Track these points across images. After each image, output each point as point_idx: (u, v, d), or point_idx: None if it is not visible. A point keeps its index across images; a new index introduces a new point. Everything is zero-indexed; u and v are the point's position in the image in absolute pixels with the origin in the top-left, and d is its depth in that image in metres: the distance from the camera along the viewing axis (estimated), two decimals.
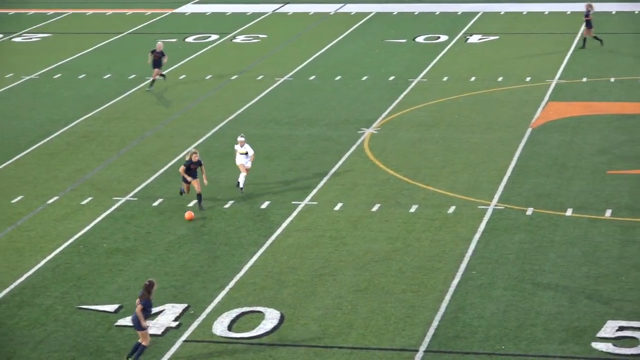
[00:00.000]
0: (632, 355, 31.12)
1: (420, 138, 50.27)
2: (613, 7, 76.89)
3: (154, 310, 32.52)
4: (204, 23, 78.79)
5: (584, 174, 45.10)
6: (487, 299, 34.76)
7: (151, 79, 59.51)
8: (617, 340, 31.95)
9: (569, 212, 41.25)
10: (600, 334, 32.33)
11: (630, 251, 37.76)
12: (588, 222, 40.35)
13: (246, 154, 43.90)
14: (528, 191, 43.43)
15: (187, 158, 42.35)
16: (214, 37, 73.51)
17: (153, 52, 58.87)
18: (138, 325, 30.47)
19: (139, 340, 30.63)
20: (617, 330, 32.46)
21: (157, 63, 58.87)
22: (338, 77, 61.30)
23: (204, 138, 51.71)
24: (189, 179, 42.28)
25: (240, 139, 44.08)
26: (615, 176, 44.69)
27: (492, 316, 33.64)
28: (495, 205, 42.09)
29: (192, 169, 42.32)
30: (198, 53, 69.25)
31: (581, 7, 68.22)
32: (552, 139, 49.45)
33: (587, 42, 64.50)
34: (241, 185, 43.93)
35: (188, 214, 41.58)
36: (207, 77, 62.90)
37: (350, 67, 63.30)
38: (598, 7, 70.42)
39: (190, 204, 42.63)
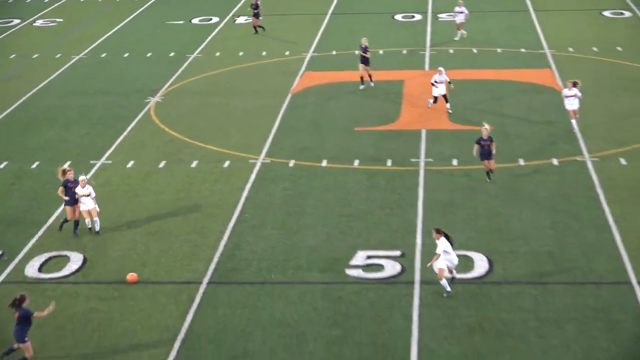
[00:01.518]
0: (378, 278, 32.04)
1: (199, 104, 50.30)
2: None
3: None
4: (6, 10, 76.56)
5: (335, 131, 45.85)
6: (259, 237, 35.22)
7: None
8: (366, 267, 32.79)
9: (324, 163, 41.93)
10: (352, 262, 33.13)
11: (375, 194, 38.66)
12: (340, 171, 41.10)
13: (89, 195, 35.44)
14: (290, 147, 43.97)
15: (63, 177, 35.58)
16: (16, 21, 71.77)
17: None
18: (20, 337, 27.11)
19: (25, 355, 27.39)
20: (366, 259, 33.30)
21: None
22: (126, 54, 60.71)
23: (10, 109, 50.69)
24: (65, 198, 35.40)
25: (82, 177, 35.77)
26: (361, 132, 45.55)
27: (263, 252, 34.12)
28: (263, 160, 42.49)
29: (69, 188, 35.40)
30: (1, 36, 67.54)
31: None
32: (308, 103, 50.07)
33: (257, 30, 64.35)
34: (97, 229, 35.75)
35: (130, 277, 32.36)
36: (12, 56, 61.53)
37: (137, 46, 62.71)
38: None
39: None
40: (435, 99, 47.29)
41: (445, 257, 30.62)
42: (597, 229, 35.03)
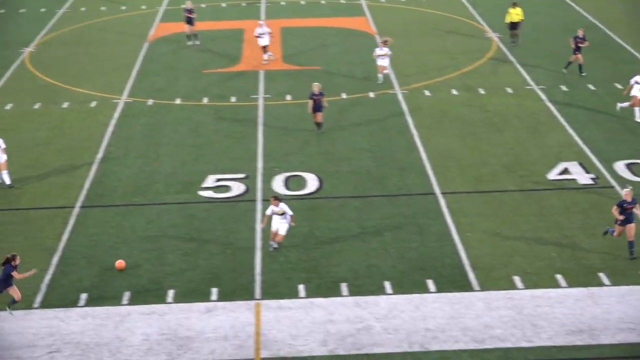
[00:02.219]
0: (226, 197, 31.65)
1: (68, 53, 48.63)
2: None
3: None
4: None
5: (186, 73, 44.99)
6: (123, 166, 34.39)
7: None
8: (215, 188, 32.38)
9: (177, 101, 41.14)
10: (204, 185, 32.66)
11: (222, 126, 38.11)
12: (191, 107, 40.40)
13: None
14: (148, 88, 42.98)
15: None
16: None
17: None
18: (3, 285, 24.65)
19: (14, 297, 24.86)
20: (216, 181, 32.88)
21: None
22: (2, 11, 58.23)
23: None
24: None
25: None
26: (208, 74, 44.82)
27: (127, 178, 33.35)
28: (125, 99, 41.45)
29: None
30: None
31: None
32: (163, 49, 48.95)
33: None
34: (8, 182, 32.56)
35: (119, 264, 26.86)
36: None
37: (12, 4, 60.18)
38: None
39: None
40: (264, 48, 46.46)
41: (283, 220, 27.72)
42: (407, 150, 35.25)
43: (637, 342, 23.10)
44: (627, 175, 32.61)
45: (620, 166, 33.42)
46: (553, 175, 32.88)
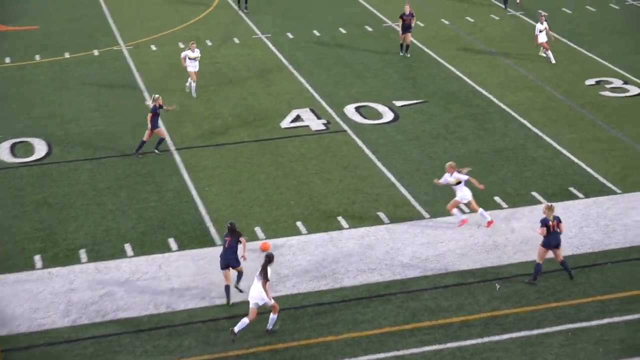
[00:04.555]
0: None
1: None
2: None
3: None
4: None
5: None
6: None
7: None
8: None
9: None
10: None
11: None
12: None
13: None
14: None
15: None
16: None
17: None
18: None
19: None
20: None
21: None
22: None
23: None
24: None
25: None
26: None
27: None
28: None
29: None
30: None
31: None
32: None
33: None
34: None
35: (263, 245, 24.65)
36: None
37: None
38: None
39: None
40: None
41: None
42: (137, 107, 34.62)
43: (378, 281, 23.85)
44: (357, 118, 33.49)
45: (350, 110, 34.27)
46: (286, 123, 33.27)
